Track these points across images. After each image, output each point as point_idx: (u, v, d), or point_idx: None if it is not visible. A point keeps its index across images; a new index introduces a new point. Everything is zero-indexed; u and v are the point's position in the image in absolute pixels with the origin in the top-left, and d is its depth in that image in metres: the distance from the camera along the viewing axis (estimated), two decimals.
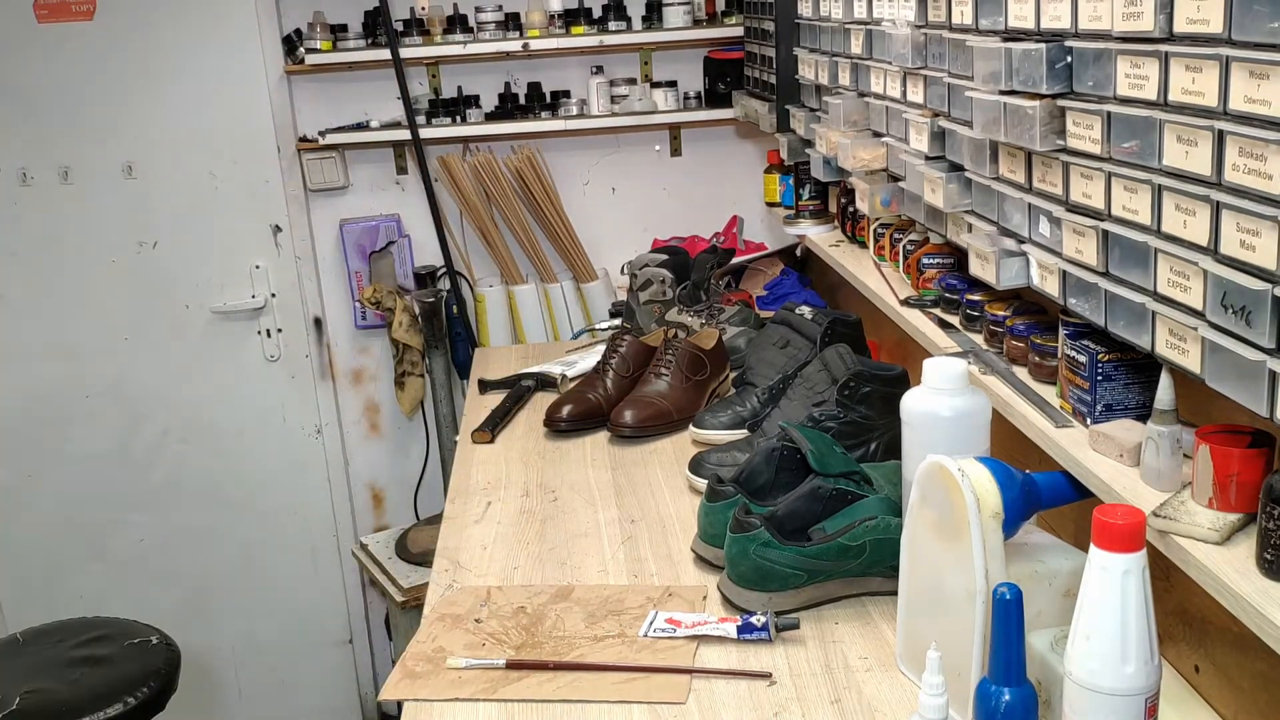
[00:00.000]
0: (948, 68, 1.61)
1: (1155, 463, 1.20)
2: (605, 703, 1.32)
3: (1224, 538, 1.09)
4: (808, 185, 2.70)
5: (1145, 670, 1.02)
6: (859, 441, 1.79)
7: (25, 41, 3.08)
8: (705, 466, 1.86)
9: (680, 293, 2.59)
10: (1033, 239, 1.42)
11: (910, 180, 1.79)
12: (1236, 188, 0.99)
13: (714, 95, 3.19)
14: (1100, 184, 1.22)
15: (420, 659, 1.43)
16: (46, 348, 3.26)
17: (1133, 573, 1.01)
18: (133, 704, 2.28)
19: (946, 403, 1.40)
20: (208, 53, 3.10)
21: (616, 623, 1.48)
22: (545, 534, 1.78)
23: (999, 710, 1.09)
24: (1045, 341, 1.48)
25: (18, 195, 3.19)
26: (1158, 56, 1.08)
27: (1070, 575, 1.25)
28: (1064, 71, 1.27)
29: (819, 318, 2.08)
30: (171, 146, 3.15)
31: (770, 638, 1.41)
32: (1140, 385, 1.32)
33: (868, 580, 1.50)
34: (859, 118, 2.05)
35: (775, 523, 1.47)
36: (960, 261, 1.86)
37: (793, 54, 2.52)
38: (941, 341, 1.70)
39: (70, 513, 3.36)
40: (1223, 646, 1.24)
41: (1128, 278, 1.19)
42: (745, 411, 2.02)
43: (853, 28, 2.06)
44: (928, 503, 1.27)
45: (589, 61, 3.19)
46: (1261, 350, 0.97)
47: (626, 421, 2.11)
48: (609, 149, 3.31)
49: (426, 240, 3.24)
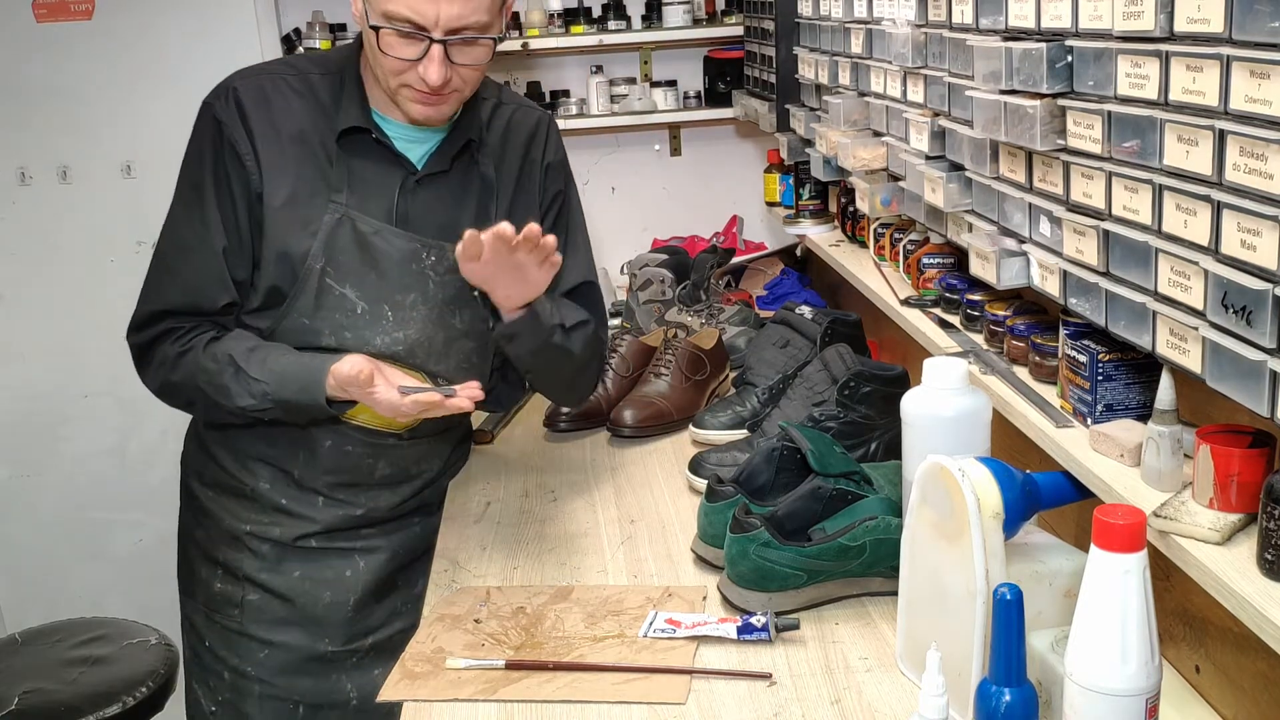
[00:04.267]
0: (948, 67, 1.61)
1: (1155, 463, 1.20)
2: (605, 703, 1.32)
3: (1224, 538, 1.09)
4: (808, 185, 2.70)
5: (1145, 670, 1.02)
6: (859, 441, 1.79)
7: (25, 41, 3.08)
8: (705, 466, 1.86)
9: (680, 293, 2.59)
10: (1033, 239, 1.41)
11: (910, 180, 1.79)
12: (1237, 187, 0.99)
13: (714, 95, 3.19)
14: (1101, 184, 1.22)
15: (420, 659, 1.43)
16: (46, 347, 3.26)
17: (1133, 573, 1.01)
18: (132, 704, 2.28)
19: (947, 403, 1.40)
20: (207, 52, 3.10)
21: (616, 623, 1.48)
22: (545, 534, 1.77)
23: (999, 710, 1.08)
24: (1045, 341, 1.48)
25: (17, 195, 3.18)
26: (1158, 56, 1.08)
27: (1070, 575, 1.25)
28: (1064, 71, 1.27)
29: (819, 318, 2.08)
30: (171, 146, 3.11)
31: (770, 638, 1.40)
32: (1141, 385, 1.32)
33: (868, 580, 1.50)
34: (859, 117, 2.05)
35: (775, 523, 1.47)
36: (960, 261, 1.86)
37: (793, 53, 2.52)
38: (942, 341, 1.70)
39: (70, 513, 3.36)
40: (1223, 646, 1.24)
41: (1128, 277, 1.19)
42: (745, 411, 2.02)
43: (853, 27, 2.06)
44: (928, 503, 1.27)
45: (589, 61, 3.19)
46: (1262, 350, 0.97)
47: (626, 421, 2.11)
48: (609, 149, 3.31)
49: None
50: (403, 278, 1.69)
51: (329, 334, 1.67)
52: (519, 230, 1.53)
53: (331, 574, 1.79)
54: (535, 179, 1.83)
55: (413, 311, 1.70)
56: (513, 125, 1.81)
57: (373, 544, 1.82)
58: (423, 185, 1.71)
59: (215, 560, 1.82)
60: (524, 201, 1.80)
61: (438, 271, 1.70)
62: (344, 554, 1.80)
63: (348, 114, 1.67)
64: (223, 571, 1.81)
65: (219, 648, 1.82)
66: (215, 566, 1.82)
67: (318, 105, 1.69)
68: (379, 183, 1.69)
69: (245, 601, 1.79)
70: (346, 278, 1.67)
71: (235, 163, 1.66)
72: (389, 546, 1.83)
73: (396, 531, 1.84)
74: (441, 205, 1.73)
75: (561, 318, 1.72)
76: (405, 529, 1.85)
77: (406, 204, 1.70)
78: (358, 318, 1.68)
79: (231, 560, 1.80)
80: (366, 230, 1.67)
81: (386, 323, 1.69)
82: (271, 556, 1.78)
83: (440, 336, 1.73)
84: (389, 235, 1.68)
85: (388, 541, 1.83)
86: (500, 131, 1.80)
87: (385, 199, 1.69)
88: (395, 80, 1.60)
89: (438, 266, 1.70)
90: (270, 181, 1.65)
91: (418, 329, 1.71)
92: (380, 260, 1.68)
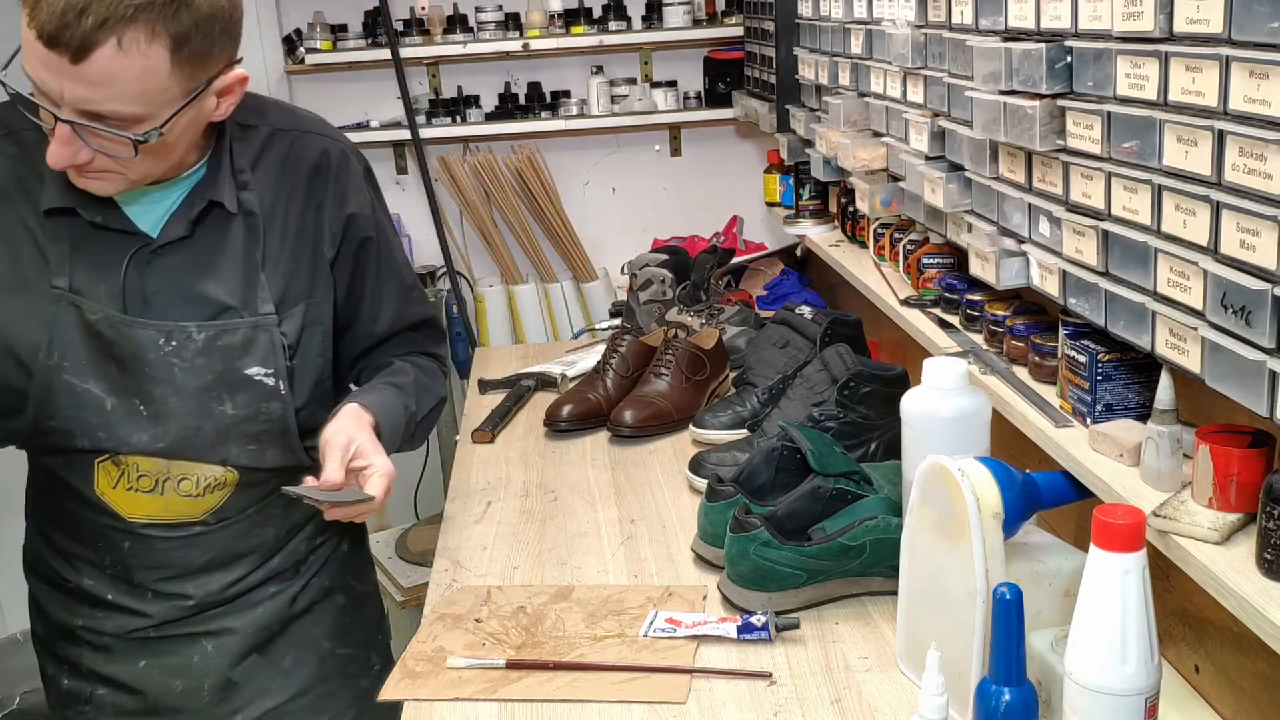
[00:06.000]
0: (948, 68, 1.61)
1: (1155, 463, 1.20)
2: (605, 702, 1.32)
3: (1224, 538, 1.09)
4: (808, 185, 2.70)
5: (1145, 670, 1.02)
6: (859, 441, 1.79)
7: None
8: (705, 466, 1.86)
9: (680, 293, 2.59)
10: (1033, 239, 1.42)
11: (910, 180, 1.79)
12: (1236, 188, 0.99)
13: (714, 95, 3.19)
14: (1100, 184, 1.22)
15: (420, 659, 1.43)
16: None
17: (1133, 573, 1.01)
18: None
19: (946, 403, 1.40)
20: None
21: (616, 622, 1.48)
22: (545, 534, 1.78)
23: (999, 710, 1.09)
24: (1045, 341, 1.48)
25: None
26: (1158, 56, 1.08)
27: (1070, 575, 1.25)
28: (1064, 71, 1.27)
29: (819, 318, 2.08)
30: None
31: (770, 638, 1.41)
32: (1140, 385, 1.32)
33: (868, 580, 1.50)
34: (859, 118, 2.05)
35: (775, 523, 1.47)
36: (960, 261, 1.86)
37: (793, 54, 2.52)
38: (941, 341, 1.70)
39: None
40: (1223, 646, 1.24)
41: (1128, 278, 1.19)
42: (745, 411, 2.02)
43: (853, 28, 2.06)
44: (928, 503, 1.27)
45: (589, 61, 3.19)
46: (1261, 350, 0.97)
47: (626, 421, 2.11)
48: (609, 149, 3.31)
49: (426, 240, 3.23)
50: (143, 368, 1.42)
51: (81, 435, 1.44)
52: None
53: (179, 660, 1.57)
54: (324, 230, 1.53)
55: (164, 405, 1.44)
56: (292, 158, 1.52)
57: (219, 626, 1.58)
58: (160, 255, 1.43)
59: (58, 656, 1.61)
60: (308, 259, 1.52)
61: (183, 357, 1.43)
62: (188, 639, 1.57)
63: (50, 190, 1.39)
64: (68, 667, 1.60)
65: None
66: (60, 663, 1.61)
67: (33, 170, 1.39)
68: (104, 258, 1.41)
69: (94, 696, 1.58)
70: (88, 373, 1.42)
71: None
72: (240, 627, 1.58)
73: (247, 609, 1.59)
74: (190, 276, 1.44)
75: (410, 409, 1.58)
76: (258, 605, 1.59)
77: (142, 280, 1.42)
78: (108, 414, 1.43)
79: (72, 655, 1.59)
80: (94, 318, 1.40)
81: (142, 419, 1.44)
82: (113, 647, 1.56)
83: (209, 427, 1.46)
84: (116, 323, 1.41)
85: (238, 621, 1.58)
86: (275, 166, 1.51)
87: (113, 277, 1.41)
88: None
89: (182, 352, 1.43)
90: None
91: (178, 422, 1.44)
92: (116, 349, 1.42)
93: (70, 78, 1.22)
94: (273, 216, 1.50)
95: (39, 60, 1.23)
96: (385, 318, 1.65)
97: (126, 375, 1.43)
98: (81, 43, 1.20)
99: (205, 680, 1.58)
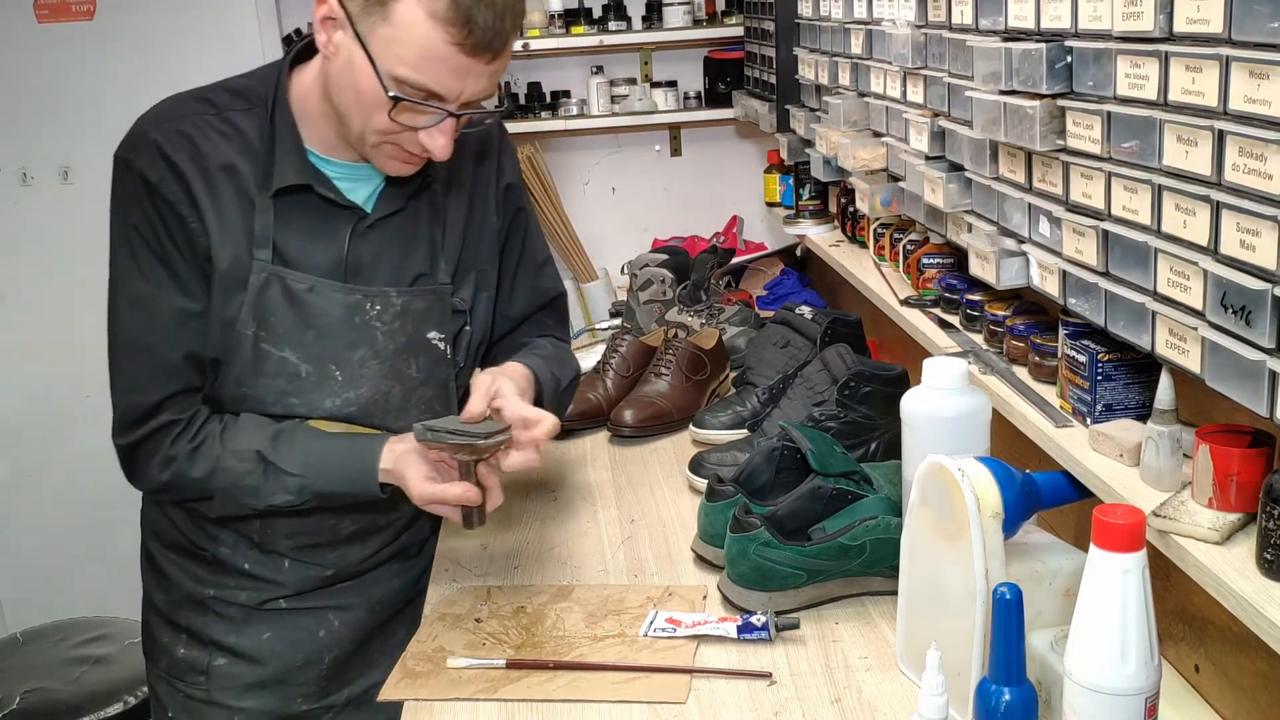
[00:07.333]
0: (948, 68, 1.61)
1: (1155, 463, 1.20)
2: (605, 702, 1.32)
3: (1224, 538, 1.09)
4: (808, 185, 2.70)
5: (1145, 670, 1.02)
6: (859, 441, 1.79)
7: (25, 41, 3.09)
8: (705, 466, 1.86)
9: (680, 293, 2.59)
10: (1033, 239, 1.42)
11: (910, 180, 1.79)
12: (1236, 188, 0.99)
13: (714, 95, 3.19)
14: (1100, 184, 1.22)
15: (420, 659, 1.43)
16: (47, 347, 3.26)
17: (1132, 572, 1.01)
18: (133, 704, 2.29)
19: (946, 403, 1.40)
20: (208, 53, 3.10)
21: (616, 622, 1.48)
22: (545, 534, 1.78)
23: (999, 710, 1.09)
24: (1045, 341, 1.48)
25: (18, 195, 3.19)
26: (1158, 56, 1.08)
27: (1070, 575, 1.25)
28: (1064, 71, 1.27)
29: (819, 318, 2.08)
30: None
31: (770, 638, 1.41)
32: (1140, 385, 1.32)
33: (868, 580, 1.50)
34: (859, 118, 2.05)
35: (775, 522, 1.47)
36: (960, 261, 1.86)
37: (793, 54, 2.52)
38: (941, 341, 1.70)
39: (72, 512, 3.36)
40: (1223, 646, 1.24)
41: (1128, 278, 1.19)
42: (745, 411, 2.02)
43: (853, 28, 2.06)
44: (928, 503, 1.27)
45: (589, 61, 3.19)
46: (1261, 350, 0.97)
47: (626, 421, 2.11)
48: (609, 149, 3.31)
49: None
50: (346, 334, 1.51)
51: (272, 401, 1.51)
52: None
53: (305, 634, 1.64)
54: (491, 200, 1.65)
55: (363, 369, 1.53)
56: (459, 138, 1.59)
57: (347, 601, 1.66)
58: (375, 229, 1.54)
59: (178, 625, 1.66)
60: (478, 228, 1.63)
61: (384, 321, 1.53)
62: (317, 613, 1.64)
63: (283, 169, 1.48)
64: (187, 637, 1.65)
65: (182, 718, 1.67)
66: (179, 632, 1.66)
67: (245, 147, 1.49)
68: (324, 232, 1.51)
69: (212, 668, 1.63)
70: (283, 340, 1.50)
71: (178, 224, 1.49)
72: (365, 603, 1.67)
73: (373, 585, 1.68)
74: (395, 247, 1.55)
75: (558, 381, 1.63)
76: (382, 582, 1.69)
77: (358, 252, 1.52)
78: (302, 381, 1.51)
79: (196, 625, 1.64)
80: (299, 288, 1.49)
81: (335, 383, 1.52)
82: (239, 619, 1.63)
83: (397, 390, 1.56)
84: (326, 290, 1.50)
85: (363, 598, 1.67)
86: None
87: (333, 249, 1.51)
88: (381, 138, 1.41)
89: (384, 316, 1.53)
90: (216, 241, 1.48)
91: (371, 386, 1.54)
92: (318, 318, 1.50)
93: (478, 76, 1.36)
94: (449, 187, 1.61)
95: (450, 71, 1.34)
96: (521, 297, 1.73)
97: (324, 342, 1.51)
98: (503, 43, 1.35)
99: (327, 655, 1.66)
